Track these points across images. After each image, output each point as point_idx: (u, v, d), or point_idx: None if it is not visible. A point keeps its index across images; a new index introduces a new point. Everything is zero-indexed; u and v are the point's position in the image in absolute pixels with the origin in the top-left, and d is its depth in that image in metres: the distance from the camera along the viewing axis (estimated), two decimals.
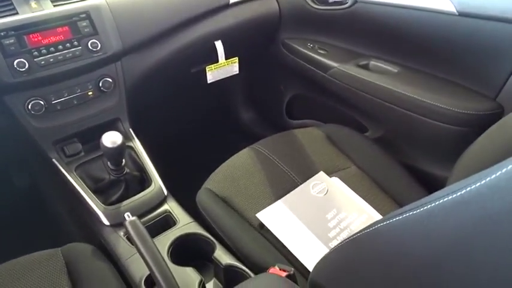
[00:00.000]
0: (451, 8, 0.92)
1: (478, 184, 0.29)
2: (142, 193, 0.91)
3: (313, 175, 0.95)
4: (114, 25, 0.93)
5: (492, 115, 0.91)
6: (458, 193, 0.30)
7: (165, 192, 0.93)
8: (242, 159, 0.99)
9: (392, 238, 0.40)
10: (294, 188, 0.92)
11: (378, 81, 1.06)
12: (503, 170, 0.27)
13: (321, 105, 1.36)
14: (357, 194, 0.91)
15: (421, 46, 1.03)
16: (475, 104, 0.93)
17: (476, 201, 0.29)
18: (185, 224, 0.87)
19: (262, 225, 0.85)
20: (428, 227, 0.35)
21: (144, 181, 0.96)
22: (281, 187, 0.92)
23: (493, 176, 0.28)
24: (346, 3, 1.13)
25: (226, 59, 1.24)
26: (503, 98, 0.92)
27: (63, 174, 0.91)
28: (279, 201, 0.89)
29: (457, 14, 0.92)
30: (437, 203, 0.33)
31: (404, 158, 1.08)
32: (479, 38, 0.91)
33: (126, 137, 0.99)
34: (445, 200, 0.32)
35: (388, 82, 1.05)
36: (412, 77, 1.05)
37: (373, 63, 1.14)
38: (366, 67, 1.14)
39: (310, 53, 1.24)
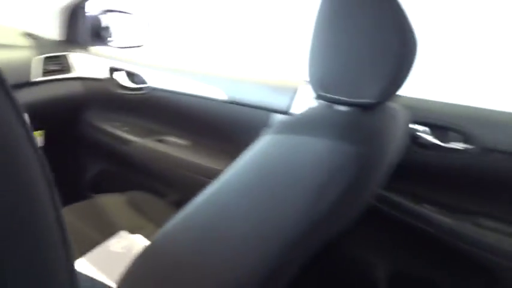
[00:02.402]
0: (222, 96, 1.22)
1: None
2: None
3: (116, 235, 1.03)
4: None
5: None
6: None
7: None
8: None
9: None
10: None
11: (173, 153, 1.27)
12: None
13: (126, 178, 1.47)
14: None
15: (204, 124, 1.30)
16: None
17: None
18: None
19: None
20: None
21: None
22: (83, 249, 0.97)
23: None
24: (143, 89, 1.34)
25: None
26: None
27: None
28: (80, 259, 0.93)
29: (227, 101, 1.22)
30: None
31: None
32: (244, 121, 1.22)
33: None
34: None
35: (181, 153, 1.26)
36: (201, 149, 1.30)
37: (168, 138, 1.35)
38: (162, 141, 1.34)
39: (114, 131, 1.37)
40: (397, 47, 0.61)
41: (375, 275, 1.14)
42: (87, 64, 1.41)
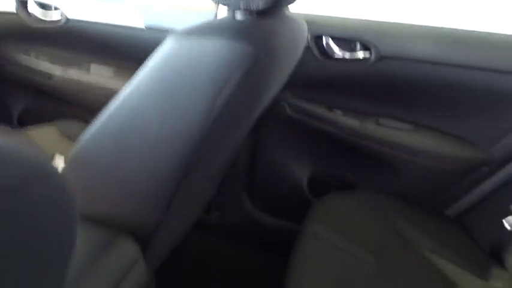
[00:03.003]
0: (143, 23, 1.22)
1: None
2: None
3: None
4: None
5: None
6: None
7: None
8: None
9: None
10: None
11: (97, 83, 1.29)
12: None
13: (53, 111, 1.47)
14: None
15: (126, 52, 1.30)
16: None
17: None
18: None
19: None
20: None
21: None
22: None
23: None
24: (59, 21, 1.30)
25: None
26: None
27: None
28: None
29: (148, 27, 1.22)
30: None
31: None
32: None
33: None
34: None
35: (106, 82, 1.29)
36: (126, 77, 1.30)
37: (92, 68, 1.34)
38: (86, 72, 1.34)
39: (34, 65, 1.35)
40: None
41: (296, 176, 1.30)
42: None
